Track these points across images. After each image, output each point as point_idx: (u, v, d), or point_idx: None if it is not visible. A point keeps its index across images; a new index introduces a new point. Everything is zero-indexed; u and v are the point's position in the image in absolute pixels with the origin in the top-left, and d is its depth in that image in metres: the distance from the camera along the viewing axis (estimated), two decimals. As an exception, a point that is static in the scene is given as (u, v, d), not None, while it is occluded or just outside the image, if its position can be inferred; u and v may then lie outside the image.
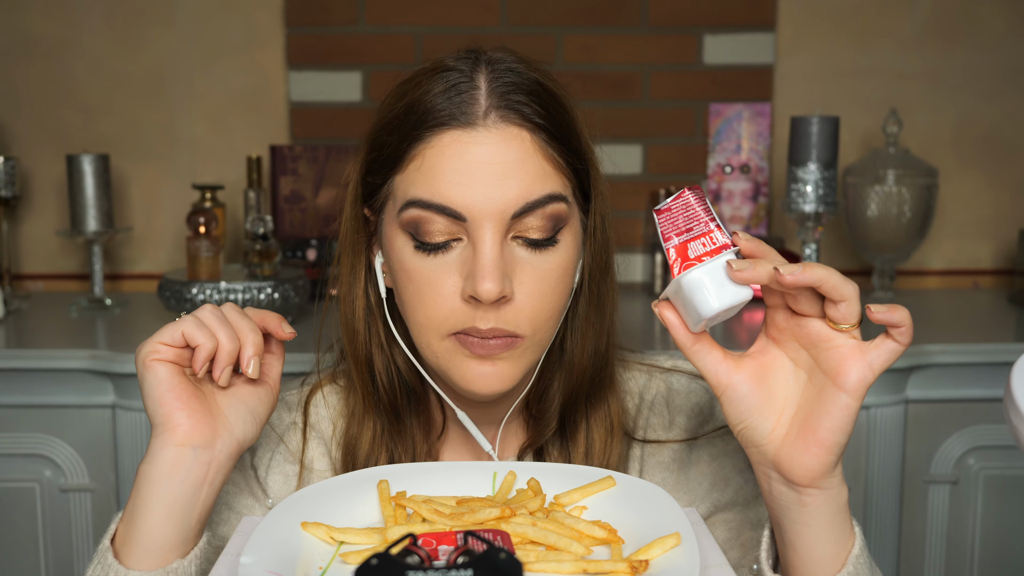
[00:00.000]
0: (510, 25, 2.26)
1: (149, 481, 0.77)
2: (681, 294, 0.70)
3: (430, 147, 0.82)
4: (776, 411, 0.73)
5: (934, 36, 2.31)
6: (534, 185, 0.82)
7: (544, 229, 0.83)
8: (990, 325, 2.06)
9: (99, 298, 2.09)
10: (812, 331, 0.71)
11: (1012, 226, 2.35)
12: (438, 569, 0.61)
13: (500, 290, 0.80)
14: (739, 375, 0.73)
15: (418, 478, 0.80)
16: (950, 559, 1.84)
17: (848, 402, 0.70)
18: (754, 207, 2.27)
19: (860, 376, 0.70)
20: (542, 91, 0.84)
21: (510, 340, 0.83)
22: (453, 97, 0.82)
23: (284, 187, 2.17)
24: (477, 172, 0.80)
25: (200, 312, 0.80)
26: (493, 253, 0.80)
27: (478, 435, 0.92)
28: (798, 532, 0.75)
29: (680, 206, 0.71)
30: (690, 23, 2.28)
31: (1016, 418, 0.67)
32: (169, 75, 2.28)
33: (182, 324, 0.79)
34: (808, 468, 0.72)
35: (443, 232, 0.82)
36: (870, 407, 1.75)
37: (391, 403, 0.93)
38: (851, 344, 0.70)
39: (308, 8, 2.25)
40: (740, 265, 0.68)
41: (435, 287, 0.82)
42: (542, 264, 0.83)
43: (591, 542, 0.71)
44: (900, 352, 0.70)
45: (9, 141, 2.28)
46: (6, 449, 1.75)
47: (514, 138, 0.81)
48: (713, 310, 0.68)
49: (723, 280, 0.68)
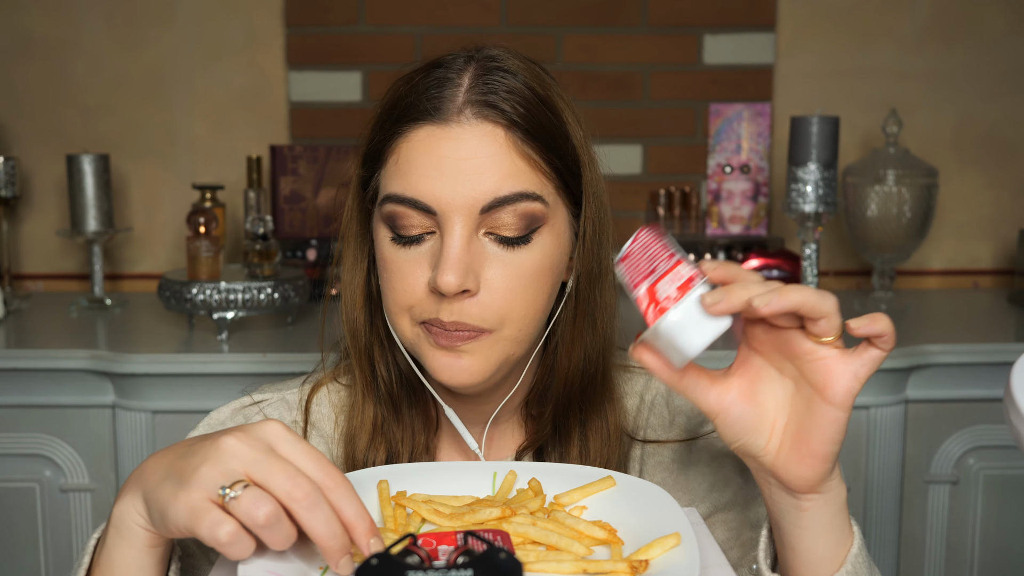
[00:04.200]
0: (510, 25, 2.26)
1: (133, 548, 0.70)
2: (662, 340, 0.68)
3: (406, 142, 0.83)
4: (769, 424, 0.72)
5: (934, 36, 2.31)
6: (505, 181, 0.81)
7: (517, 227, 0.83)
8: (990, 325, 2.06)
9: (99, 298, 2.09)
10: (794, 344, 0.70)
11: (1012, 226, 2.35)
12: (438, 569, 0.61)
13: (460, 283, 0.80)
14: (729, 397, 0.72)
15: (418, 478, 0.80)
16: (950, 559, 1.84)
17: (837, 415, 0.69)
18: (754, 207, 2.27)
19: (847, 388, 0.69)
20: (526, 90, 0.84)
21: (473, 333, 0.83)
22: (433, 93, 0.83)
23: (284, 187, 2.17)
24: (448, 167, 0.81)
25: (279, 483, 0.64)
26: (458, 247, 0.81)
27: (464, 431, 0.92)
28: (798, 535, 0.75)
29: (639, 248, 0.70)
30: (690, 23, 2.28)
31: (1016, 418, 0.67)
32: (169, 75, 2.28)
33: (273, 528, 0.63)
34: (804, 478, 0.72)
35: (417, 226, 0.83)
36: (870, 407, 1.75)
37: (390, 394, 0.93)
38: (834, 355, 0.69)
39: (308, 8, 2.25)
40: (713, 298, 0.66)
41: (406, 276, 0.84)
42: (513, 261, 0.83)
43: (591, 542, 0.71)
44: (883, 358, 0.69)
45: (9, 141, 2.28)
46: (6, 449, 1.75)
47: (487, 135, 0.82)
48: (698, 348, 0.66)
49: (700, 316, 0.66)
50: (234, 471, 0.64)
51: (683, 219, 2.26)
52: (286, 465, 0.64)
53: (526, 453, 0.96)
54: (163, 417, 1.73)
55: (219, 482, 0.63)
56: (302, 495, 0.63)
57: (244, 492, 0.62)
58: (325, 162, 2.18)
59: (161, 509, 0.65)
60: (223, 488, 0.63)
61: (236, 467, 0.64)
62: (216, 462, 0.64)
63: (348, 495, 0.65)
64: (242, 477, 0.64)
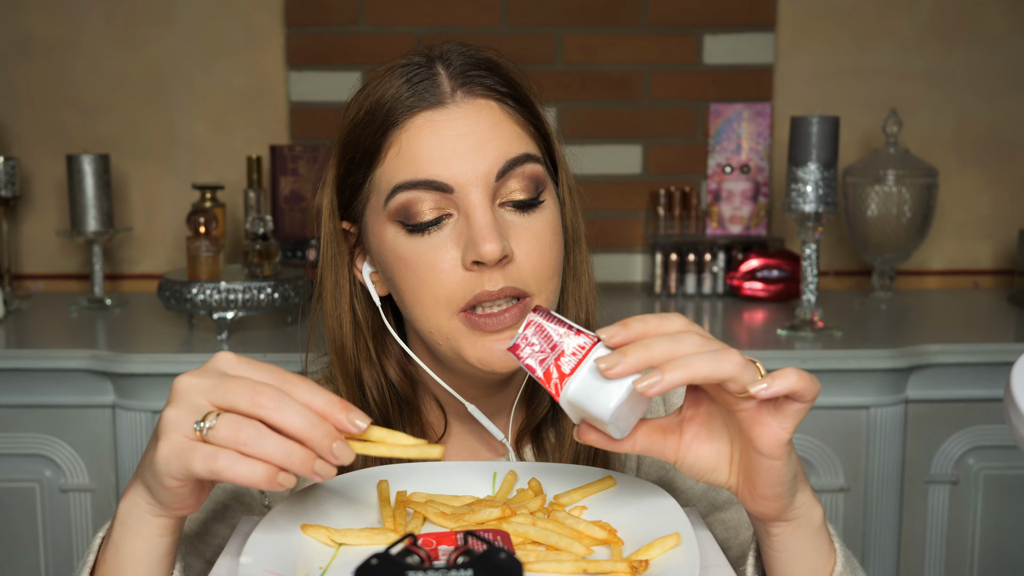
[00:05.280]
0: (510, 25, 2.26)
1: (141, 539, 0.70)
2: (579, 411, 0.67)
3: (405, 132, 0.85)
4: (727, 460, 0.71)
5: (934, 36, 2.31)
6: (511, 145, 0.85)
7: (527, 190, 0.85)
8: (990, 325, 2.06)
9: (99, 298, 2.09)
10: (720, 397, 0.68)
11: (1012, 226, 2.35)
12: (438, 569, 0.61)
13: (502, 248, 0.81)
14: (684, 441, 0.71)
15: (418, 478, 0.80)
16: (950, 559, 1.84)
17: (771, 464, 0.68)
18: (754, 207, 2.27)
19: (775, 439, 0.67)
20: (495, 66, 0.88)
21: (521, 307, 0.84)
22: (416, 84, 0.85)
23: (284, 187, 2.17)
24: (455, 144, 0.83)
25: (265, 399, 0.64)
26: (487, 216, 0.82)
27: (490, 425, 0.92)
28: (773, 557, 0.75)
29: (533, 331, 0.68)
30: (690, 23, 2.28)
31: (1016, 418, 0.67)
32: (169, 75, 2.28)
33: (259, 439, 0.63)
34: (764, 513, 0.71)
35: (433, 209, 0.84)
36: (870, 407, 1.75)
37: (383, 417, 0.93)
38: (758, 408, 0.66)
39: (308, 8, 2.25)
40: (608, 362, 0.63)
41: (435, 265, 0.84)
42: (532, 225, 0.85)
43: (591, 542, 0.71)
44: (807, 408, 0.67)
45: (9, 141, 2.28)
46: (6, 449, 1.75)
47: (483, 108, 0.85)
48: (611, 410, 0.64)
49: (602, 379, 0.64)
50: (199, 405, 0.64)
51: (683, 219, 2.26)
52: (243, 381, 0.65)
53: (525, 436, 0.96)
54: (163, 417, 1.73)
55: (190, 419, 0.64)
56: (266, 399, 0.63)
57: (218, 420, 0.63)
58: (325, 162, 2.18)
59: (153, 471, 0.65)
60: (197, 423, 0.64)
61: (199, 400, 0.65)
62: (178, 403, 0.65)
63: (311, 388, 0.65)
64: (209, 408, 0.64)
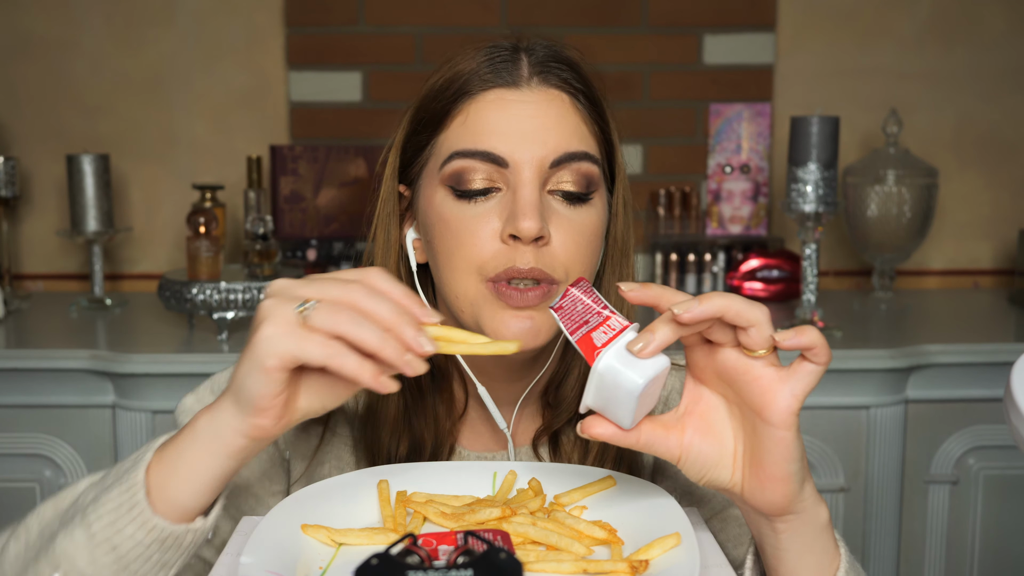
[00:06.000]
0: (510, 25, 2.26)
1: (208, 454, 0.71)
2: (604, 383, 0.68)
3: (475, 103, 0.87)
4: (729, 455, 0.72)
5: (934, 36, 2.31)
6: (572, 139, 0.87)
7: (578, 184, 0.87)
8: (990, 325, 2.06)
9: (99, 298, 2.09)
10: (729, 364, 0.69)
11: (1012, 226, 2.35)
12: (438, 569, 0.61)
13: (539, 228, 0.83)
14: (686, 437, 0.71)
15: (418, 478, 0.80)
16: (950, 559, 1.84)
17: (782, 435, 0.68)
18: (754, 207, 2.27)
19: (785, 407, 0.68)
20: (575, 63, 0.91)
21: (546, 289, 0.85)
22: (497, 64, 0.88)
23: (284, 187, 2.17)
24: (520, 124, 0.86)
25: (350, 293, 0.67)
26: (533, 196, 0.84)
27: (495, 411, 0.93)
28: (779, 558, 0.74)
29: (569, 303, 0.71)
30: (690, 23, 2.28)
31: (1016, 418, 0.67)
32: (169, 75, 2.28)
33: (341, 323, 0.65)
34: (772, 502, 0.71)
35: (484, 179, 0.86)
36: (870, 407, 1.75)
37: (415, 379, 0.93)
38: (770, 374, 0.68)
39: (308, 8, 2.25)
40: (641, 342, 0.66)
41: (474, 231, 0.86)
42: (576, 218, 0.87)
43: (591, 542, 0.71)
44: (820, 373, 0.68)
45: (9, 141, 2.28)
46: (6, 449, 1.75)
47: (554, 99, 0.88)
48: (640, 385, 0.66)
49: (634, 358, 0.67)
50: (296, 296, 0.67)
51: (683, 219, 2.26)
52: (332, 277, 0.68)
53: (542, 437, 0.97)
54: (163, 417, 1.73)
55: (290, 305, 0.66)
56: (356, 289, 0.66)
57: (317, 304, 0.65)
58: (325, 162, 2.18)
59: (253, 355, 0.66)
60: (297, 307, 0.66)
61: (295, 292, 0.67)
62: (276, 295, 0.67)
63: (388, 278, 0.69)
64: (305, 299, 0.66)
